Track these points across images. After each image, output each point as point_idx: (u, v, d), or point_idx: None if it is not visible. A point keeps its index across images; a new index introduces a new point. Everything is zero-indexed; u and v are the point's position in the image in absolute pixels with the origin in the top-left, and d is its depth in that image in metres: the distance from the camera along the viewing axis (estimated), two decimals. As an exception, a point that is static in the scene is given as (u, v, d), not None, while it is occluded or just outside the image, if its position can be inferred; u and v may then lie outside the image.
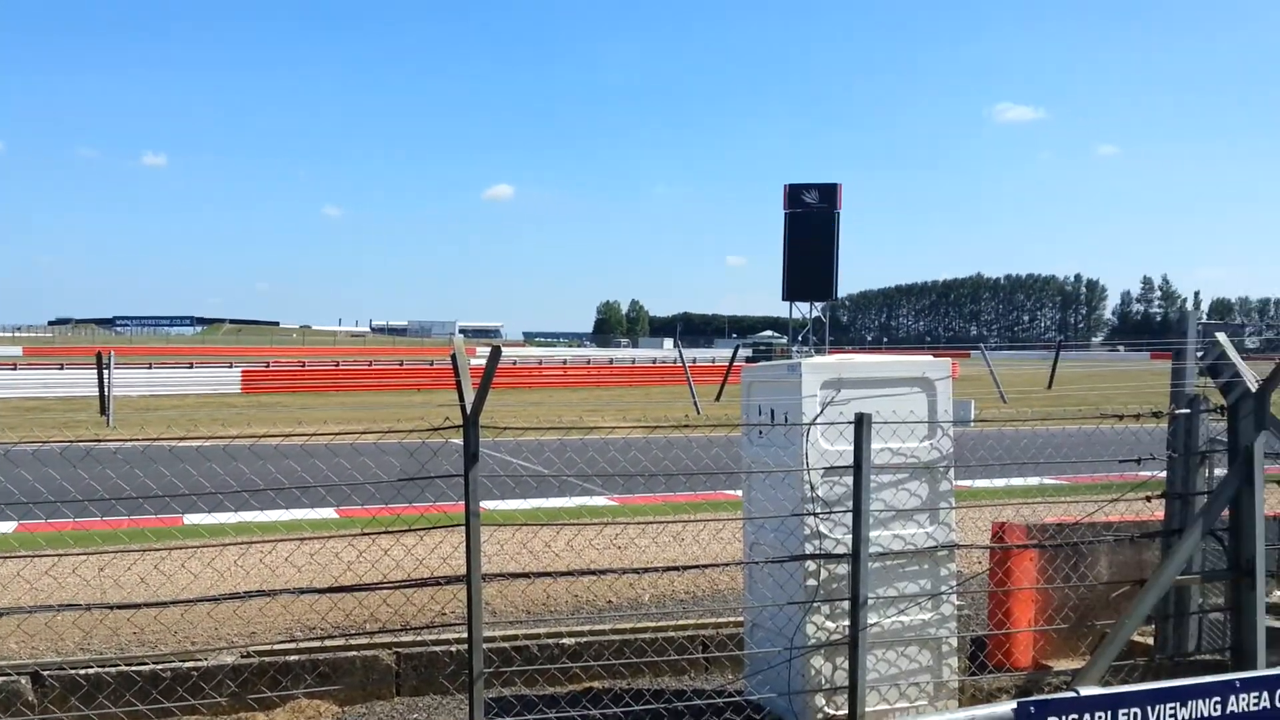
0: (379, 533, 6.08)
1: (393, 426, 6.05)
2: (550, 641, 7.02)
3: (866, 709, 5.84)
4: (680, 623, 7.45)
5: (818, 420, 5.90)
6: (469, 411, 5.15)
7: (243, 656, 6.64)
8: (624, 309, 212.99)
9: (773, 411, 6.25)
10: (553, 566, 7.81)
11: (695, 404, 30.24)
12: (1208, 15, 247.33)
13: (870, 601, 5.85)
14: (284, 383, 44.00)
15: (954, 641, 6.41)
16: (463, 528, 5.18)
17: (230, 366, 46.07)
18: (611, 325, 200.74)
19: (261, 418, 25.66)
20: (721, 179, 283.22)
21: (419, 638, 6.93)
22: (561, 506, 12.32)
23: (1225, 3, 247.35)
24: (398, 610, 7.64)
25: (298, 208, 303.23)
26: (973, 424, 21.83)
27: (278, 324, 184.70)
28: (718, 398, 34.35)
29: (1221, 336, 6.43)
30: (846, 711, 5.83)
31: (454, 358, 5.29)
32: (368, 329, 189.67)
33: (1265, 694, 2.60)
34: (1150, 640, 7.38)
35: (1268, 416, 6.31)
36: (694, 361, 46.70)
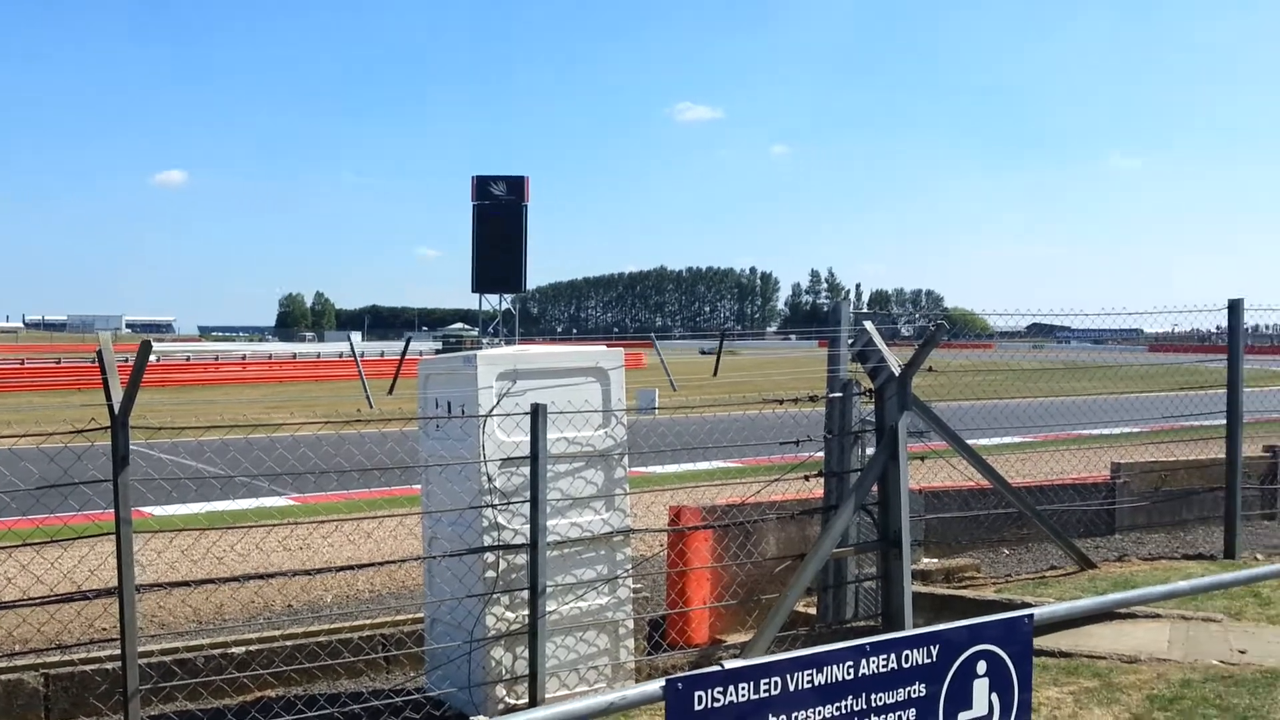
0: (15, 546, 5.54)
1: (32, 430, 5.54)
2: (216, 652, 6.66)
3: (546, 695, 5.88)
4: (358, 623, 7.26)
5: (494, 412, 5.88)
6: (117, 411, 4.80)
7: None
8: (309, 302, 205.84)
9: (449, 404, 6.19)
10: (229, 572, 7.41)
11: (368, 398, 29.69)
12: (870, 18, 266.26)
13: (549, 589, 5.90)
14: (-84, 384, 39.65)
15: (630, 624, 6.57)
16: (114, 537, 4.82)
17: None
18: (296, 319, 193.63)
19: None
20: (412, 169, 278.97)
21: (68, 657, 6.40)
22: (240, 509, 11.77)
23: (886, 5, 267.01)
24: (40, 628, 7.02)
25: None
26: (656, 411, 22.54)
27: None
28: (390, 391, 34.03)
29: (869, 325, 6.90)
30: (527, 700, 5.86)
31: (99, 354, 4.91)
32: (20, 324, 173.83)
33: (892, 655, 2.79)
34: (814, 610, 7.85)
35: (910, 398, 6.83)
36: (381, 354, 45.73)
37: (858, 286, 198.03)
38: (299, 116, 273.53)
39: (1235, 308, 9.89)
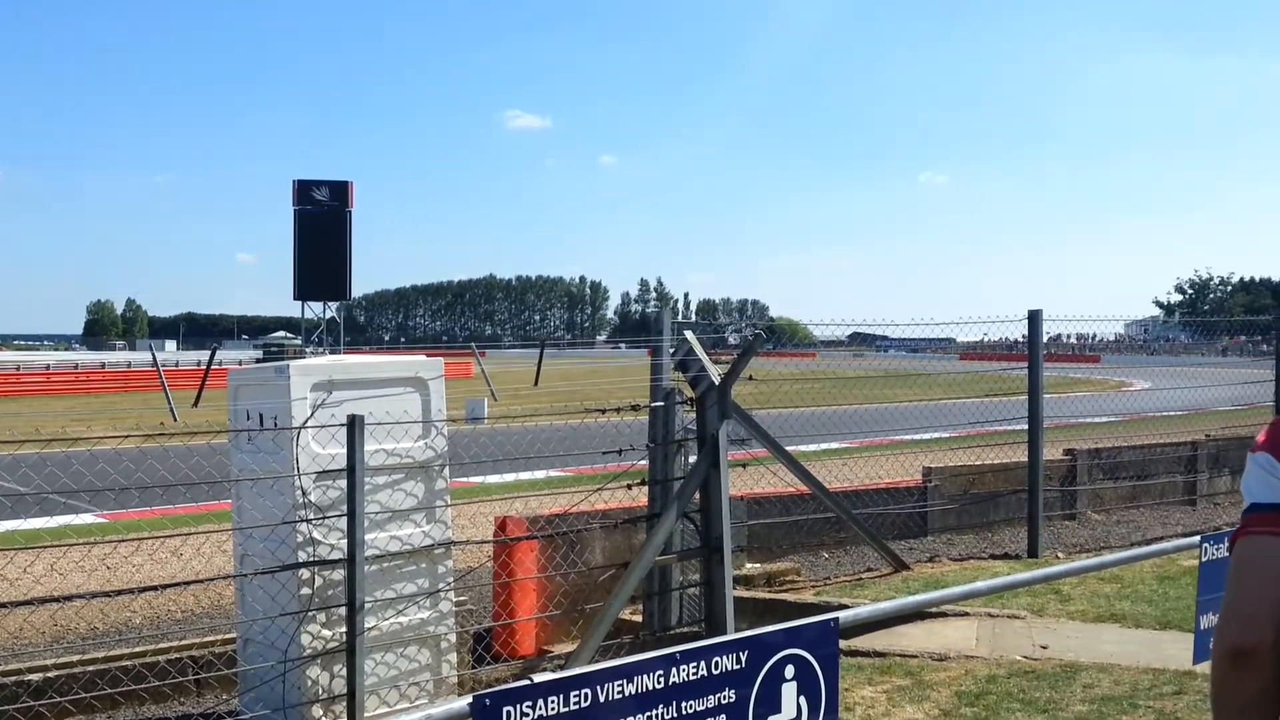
0: None
1: None
2: (9, 680, 6.26)
3: (366, 714, 5.74)
4: (163, 646, 6.93)
5: (308, 424, 5.72)
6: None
7: None
8: (119, 309, 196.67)
9: (261, 416, 5.98)
10: (22, 595, 6.99)
11: (172, 410, 28.61)
12: (698, 33, 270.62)
13: (368, 605, 5.76)
14: None
15: (453, 638, 6.48)
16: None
17: None
18: (105, 326, 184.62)
19: None
20: (228, 172, 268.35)
21: None
22: (34, 528, 11.15)
23: (715, 22, 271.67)
24: None
25: None
26: (486, 420, 22.34)
27: None
28: (195, 403, 32.97)
29: (689, 334, 6.98)
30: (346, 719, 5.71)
31: None
32: None
33: (703, 663, 2.81)
34: (640, 618, 7.89)
35: (730, 406, 6.94)
36: (198, 364, 44.00)
37: (686, 296, 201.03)
38: (106, 113, 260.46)
39: (1035, 318, 10.41)
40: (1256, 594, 1.66)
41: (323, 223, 57.98)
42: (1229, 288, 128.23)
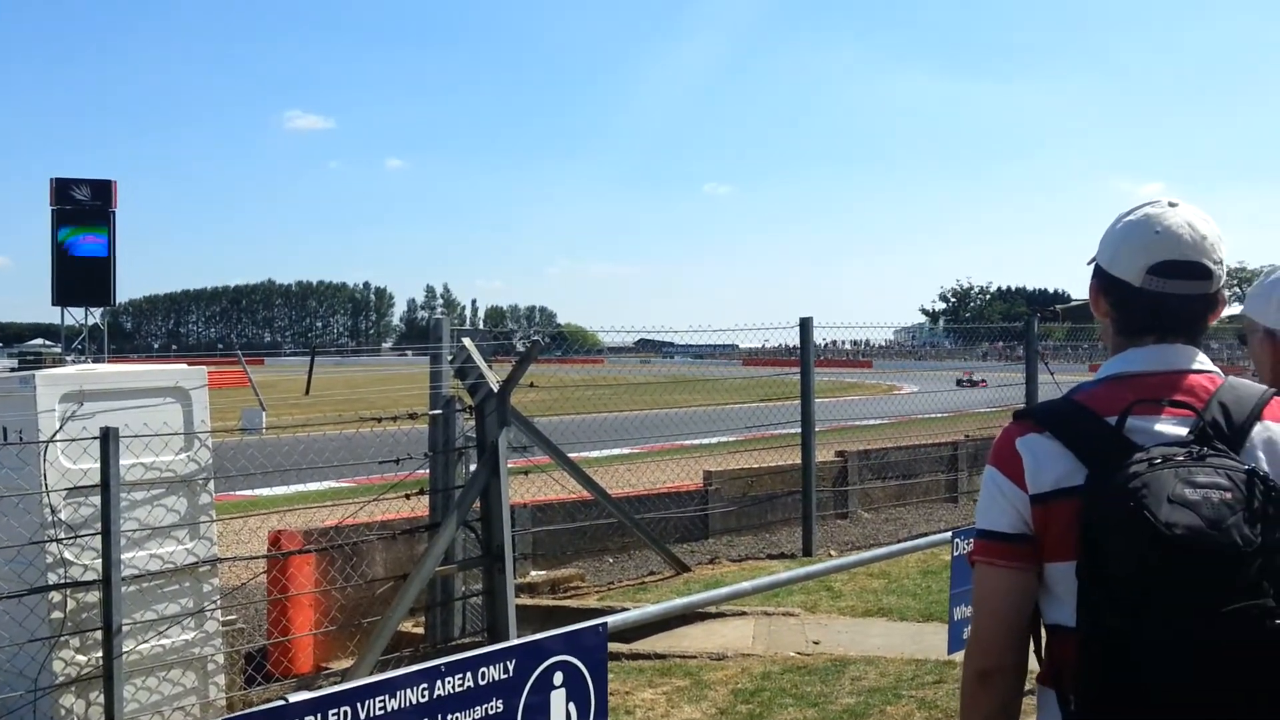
0: None
1: None
2: None
3: (125, 743, 5.44)
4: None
5: (56, 437, 5.37)
6: None
7: None
8: None
9: (4, 429, 5.58)
10: None
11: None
12: (476, 41, 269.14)
13: (126, 628, 5.46)
14: None
15: (221, 659, 6.22)
16: None
17: None
18: None
19: None
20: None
21: None
22: None
23: (485, 31, 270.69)
24: None
25: None
26: (264, 430, 21.56)
27: None
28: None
29: (467, 341, 6.91)
30: (102, 750, 5.38)
31: None
32: None
33: (469, 674, 2.77)
34: (422, 630, 7.75)
35: (510, 413, 6.90)
36: (-56, 375, 40.82)
37: (474, 302, 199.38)
38: None
39: (805, 325, 10.81)
40: (994, 622, 1.86)
41: (83, 223, 54.75)
42: (988, 296, 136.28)
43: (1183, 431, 1.77)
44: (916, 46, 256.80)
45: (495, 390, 6.74)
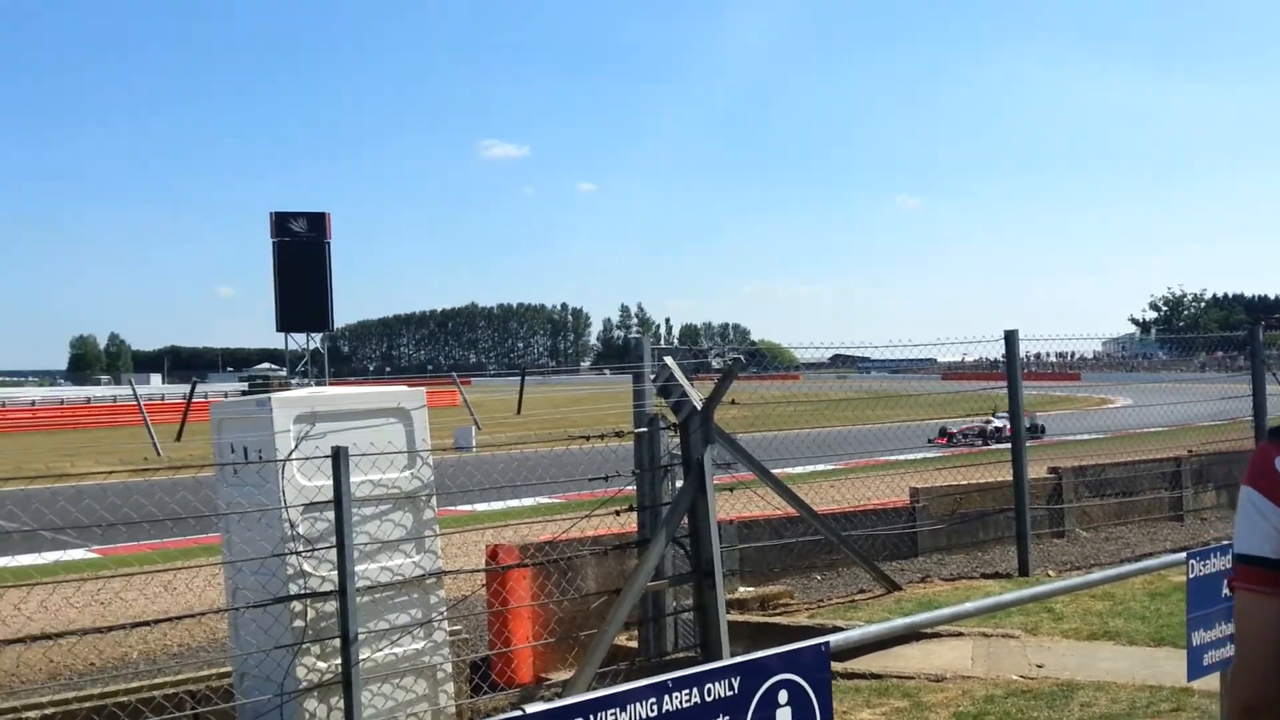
0: None
1: None
2: (5, 719, 6.21)
3: (364, 747, 5.71)
4: (159, 681, 6.86)
5: (292, 456, 5.70)
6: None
7: None
8: (102, 343, 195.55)
9: (245, 449, 5.97)
10: (13, 633, 6.93)
11: (155, 445, 28.45)
12: (669, 66, 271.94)
13: (361, 636, 5.74)
14: None
15: (449, 667, 6.45)
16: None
17: None
18: (89, 361, 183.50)
19: None
20: (206, 205, 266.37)
21: None
22: (31, 564, 11.10)
23: (677, 57, 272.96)
24: None
25: None
26: (475, 449, 22.28)
27: None
28: (178, 437, 32.86)
29: (669, 360, 6.97)
30: (343, 752, 5.67)
31: None
32: None
33: (695, 689, 2.81)
34: (636, 644, 7.86)
35: (714, 431, 6.94)
36: (183, 397, 43.84)
37: (668, 321, 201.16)
38: (85, 148, 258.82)
39: (1011, 338, 10.48)
40: (1261, 652, 1.75)
41: (302, 254, 57.94)
42: (1202, 304, 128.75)
43: None
44: (1114, 48, 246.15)
45: (699, 408, 6.79)
